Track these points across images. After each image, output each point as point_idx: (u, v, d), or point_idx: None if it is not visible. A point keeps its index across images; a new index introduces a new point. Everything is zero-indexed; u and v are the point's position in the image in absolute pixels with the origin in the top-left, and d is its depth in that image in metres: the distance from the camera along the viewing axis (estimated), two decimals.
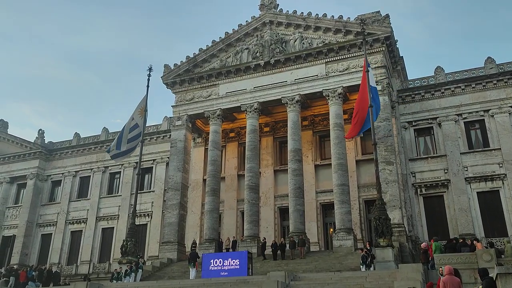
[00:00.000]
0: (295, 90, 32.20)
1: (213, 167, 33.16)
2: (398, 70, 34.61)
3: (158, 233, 37.29)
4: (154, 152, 40.52)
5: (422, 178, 31.63)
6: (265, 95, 33.14)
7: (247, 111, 33.24)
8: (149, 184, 40.51)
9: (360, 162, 32.83)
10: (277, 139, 36.00)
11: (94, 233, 40.25)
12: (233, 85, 34.37)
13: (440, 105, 33.01)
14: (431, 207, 31.08)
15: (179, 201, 33.17)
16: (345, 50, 31.40)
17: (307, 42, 32.92)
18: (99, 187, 41.99)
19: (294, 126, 31.59)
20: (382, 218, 21.31)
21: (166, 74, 36.21)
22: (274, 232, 33.28)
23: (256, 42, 34.46)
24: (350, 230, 27.91)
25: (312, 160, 34.07)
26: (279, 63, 33.11)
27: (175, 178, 33.89)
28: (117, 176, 42.38)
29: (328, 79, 31.56)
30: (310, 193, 32.86)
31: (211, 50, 35.64)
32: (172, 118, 36.13)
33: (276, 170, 35.14)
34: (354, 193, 31.54)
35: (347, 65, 31.33)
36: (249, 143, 32.66)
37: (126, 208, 39.90)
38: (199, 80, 35.45)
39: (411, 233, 29.34)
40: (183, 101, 35.70)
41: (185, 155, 34.64)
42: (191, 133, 36.20)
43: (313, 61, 32.25)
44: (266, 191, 34.43)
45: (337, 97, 30.87)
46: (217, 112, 34.20)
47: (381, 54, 30.64)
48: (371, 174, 29.55)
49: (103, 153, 43.02)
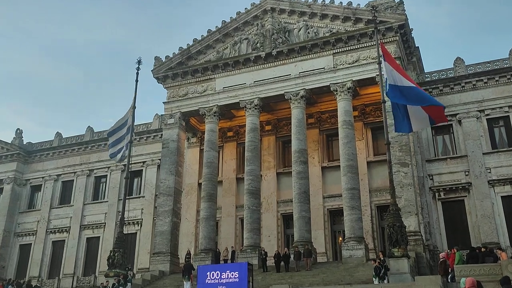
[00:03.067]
0: (300, 85, 32.22)
1: (209, 169, 33.17)
2: (413, 62, 34.61)
3: (148, 243, 37.28)
4: (144, 153, 40.51)
5: (440, 181, 31.61)
6: (266, 90, 33.15)
7: (247, 108, 33.25)
8: (138, 189, 40.49)
9: (372, 164, 32.83)
10: (280, 138, 36.01)
11: (78, 243, 40.22)
12: (231, 79, 34.38)
13: (460, 101, 33.00)
14: (451, 213, 31.05)
15: (172, 208, 33.18)
16: (355, 40, 31.41)
17: (312, 31, 32.94)
18: (83, 192, 41.97)
19: (299, 124, 31.61)
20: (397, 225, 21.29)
21: (157, 67, 36.23)
22: (277, 241, 33.31)
23: (257, 31, 34.48)
24: (361, 238, 27.90)
25: (318, 161, 34.08)
26: (282, 55, 33.12)
27: (167, 182, 33.90)
28: (103, 180, 42.36)
29: (336, 72, 31.57)
30: (317, 198, 32.87)
31: (206, 41, 35.65)
32: (163, 116, 36.14)
33: (279, 173, 35.15)
34: (365, 198, 31.55)
35: (357, 56, 31.35)
36: (249, 143, 32.67)
37: (113, 215, 39.86)
38: (194, 74, 35.47)
39: (429, 242, 29.31)
40: (176, 97, 35.72)
41: (178, 156, 34.66)
42: (184, 132, 36.21)
43: (320, 53, 32.26)
44: (268, 196, 34.43)
45: (346, 92, 30.88)
46: (214, 109, 34.22)
47: (394, 44, 30.65)
48: (384, 177, 29.52)
49: (88, 154, 43.07)
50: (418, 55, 35.31)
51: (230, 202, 35.50)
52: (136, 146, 39.78)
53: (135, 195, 40.07)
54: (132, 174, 38.23)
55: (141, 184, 40.40)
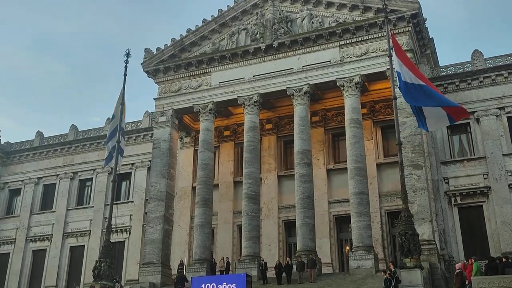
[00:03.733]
0: (303, 79, 32.22)
1: (204, 172, 33.17)
2: (427, 54, 34.62)
3: (138, 252, 37.25)
4: (133, 154, 40.47)
5: (456, 185, 31.62)
6: (266, 85, 33.16)
7: (245, 105, 33.26)
8: (127, 193, 40.46)
9: (382, 166, 32.84)
10: (282, 138, 36.02)
11: (60, 252, 40.19)
12: (228, 73, 34.38)
13: (478, 97, 33.00)
14: (468, 220, 31.04)
15: (163, 214, 33.18)
16: (363, 30, 31.42)
17: (317, 21, 32.95)
18: (66, 197, 41.95)
19: (302, 123, 31.61)
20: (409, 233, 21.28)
21: (147, 60, 36.23)
22: (278, 250, 33.32)
23: (256, 21, 34.49)
24: (370, 248, 27.92)
25: (324, 163, 34.09)
26: (284, 47, 33.12)
27: (159, 186, 33.89)
28: (89, 183, 42.33)
29: (342, 66, 31.57)
30: (322, 203, 32.87)
31: (201, 31, 35.65)
32: (154, 113, 36.13)
33: (280, 176, 35.16)
34: (375, 203, 31.55)
35: (365, 48, 31.36)
36: (247, 143, 32.67)
37: (99, 222, 39.85)
38: (187, 67, 35.47)
39: (444, 252, 29.32)
40: (168, 93, 35.71)
41: (170, 158, 34.65)
42: (177, 131, 36.21)
43: (325, 44, 32.26)
44: (268, 201, 34.43)
45: (354, 88, 30.89)
46: (209, 105, 34.22)
47: (406, 35, 30.66)
48: (395, 180, 29.46)
49: (71, 155, 43.05)
50: (432, 47, 35.33)
51: (227, 207, 35.49)
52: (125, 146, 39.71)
53: (123, 200, 40.04)
54: (120, 177, 38.14)
55: (130, 188, 40.38)
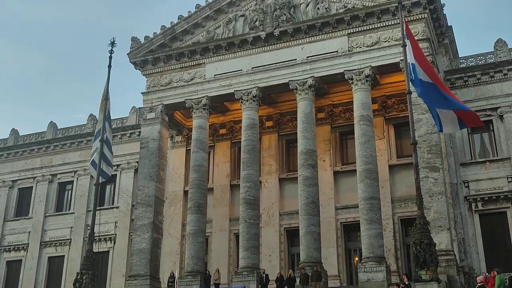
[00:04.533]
0: (308, 72, 32.21)
1: (197, 174, 33.16)
2: (445, 44, 34.63)
3: (123, 264, 37.32)
4: (118, 154, 40.29)
5: (478, 189, 31.65)
6: (267, 78, 33.15)
7: (243, 100, 33.25)
8: (111, 198, 40.49)
9: (395, 168, 32.86)
10: (284, 137, 36.03)
11: (38, 263, 40.22)
12: (224, 65, 34.36)
13: (502, 91, 33.05)
14: (490, 227, 31.09)
15: (152, 221, 33.15)
16: (375, 17, 31.40)
17: (323, 7, 32.93)
18: (44, 202, 41.98)
19: (306, 120, 31.61)
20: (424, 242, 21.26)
21: (134, 49, 36.20)
22: (280, 261, 33.34)
23: (255, 7, 34.47)
24: (382, 259, 27.94)
25: (330, 165, 34.10)
26: (286, 36, 33.11)
27: (147, 190, 33.87)
28: (69, 187, 42.35)
29: (351, 57, 31.56)
30: (328, 209, 32.88)
31: (194, 18, 35.62)
32: (142, 109, 36.09)
33: (282, 179, 35.18)
34: (387, 209, 31.56)
35: (377, 37, 31.35)
36: (245, 142, 32.67)
37: (81, 230, 39.87)
38: (179, 58, 35.45)
39: (463, 263, 29.34)
40: (157, 86, 35.69)
41: (159, 158, 34.64)
42: (167, 129, 36.20)
43: (332, 33, 32.25)
44: (268, 207, 34.44)
45: (364, 81, 30.89)
46: (203, 100, 34.21)
47: (422, 22, 30.64)
48: (410, 184, 29.52)
49: (50, 156, 43.03)
50: (451, 36, 35.34)
51: (222, 214, 35.50)
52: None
53: (108, 206, 40.09)
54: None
55: (115, 192, 40.42)
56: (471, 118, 21.11)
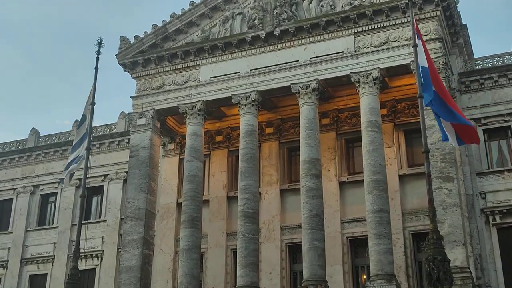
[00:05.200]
0: (311, 74, 32.25)
1: (191, 185, 33.13)
2: (459, 44, 34.70)
3: (111, 282, 37.26)
4: (105, 164, 40.46)
5: (495, 201, 31.62)
6: (267, 81, 33.19)
7: (241, 104, 33.27)
8: (98, 211, 40.45)
9: (406, 178, 32.83)
10: (285, 144, 36.03)
11: (18, 282, 40.14)
12: (221, 67, 34.42)
13: None
14: (509, 242, 31.04)
15: (142, 236, 33.08)
16: (383, 15, 31.47)
17: (327, 4, 33.01)
18: (25, 215, 41.95)
19: (310, 126, 31.61)
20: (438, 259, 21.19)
21: (123, 50, 36.24)
22: (281, 279, 33.28)
23: (254, 4, 34.54)
24: (392, 276, 27.87)
25: (335, 175, 34.08)
26: (288, 35, 33.17)
27: (137, 202, 33.81)
28: (52, 199, 42.32)
29: (358, 58, 31.62)
30: (333, 223, 32.85)
31: (188, 16, 35.70)
32: (131, 114, 36.07)
33: (283, 190, 35.15)
34: (397, 223, 31.51)
35: (385, 37, 31.40)
36: (244, 150, 32.67)
37: (65, 245, 39.85)
38: (171, 60, 35.50)
39: (480, 281, 29.26)
40: (148, 90, 35.73)
41: (151, 168, 34.60)
42: (159, 136, 36.20)
43: (337, 32, 32.31)
44: (269, 221, 34.40)
45: (372, 84, 30.90)
46: (198, 105, 34.22)
47: (434, 21, 30.71)
48: (422, 195, 29.37)
49: (31, 165, 42.95)
50: (465, 35, 35.41)
51: (219, 228, 35.45)
52: (96, 154, 39.67)
53: (94, 219, 40.06)
54: (90, 192, 38.13)
55: (102, 205, 40.40)
56: (469, 133, 20.91)
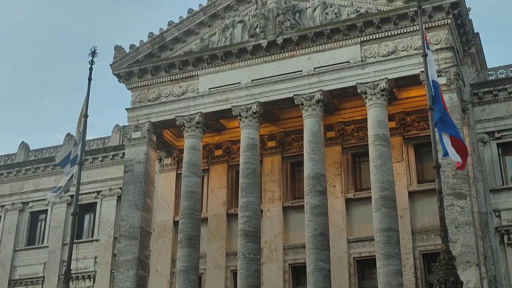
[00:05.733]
0: (315, 85, 32.38)
1: (189, 202, 33.15)
2: (471, 53, 34.79)
3: None
4: (98, 179, 40.54)
5: (511, 219, 31.59)
6: (269, 92, 33.32)
7: (242, 117, 33.38)
8: (91, 230, 40.42)
9: (416, 195, 32.84)
10: (288, 159, 36.10)
11: None
12: (220, 77, 34.58)
13: None
14: None
15: (137, 256, 33.06)
16: (391, 23, 31.63)
17: (332, 11, 33.19)
18: (13, 234, 41.96)
19: (314, 140, 31.69)
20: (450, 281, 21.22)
21: (118, 60, 36.41)
22: None
23: (256, 11, 34.75)
24: None
25: (341, 191, 34.09)
26: (291, 44, 33.35)
27: (131, 220, 33.84)
28: (42, 217, 42.31)
29: (365, 68, 31.76)
30: (339, 242, 32.83)
31: (186, 24, 35.91)
32: (126, 127, 36.16)
33: (286, 207, 35.14)
34: (407, 242, 31.50)
35: (393, 46, 31.55)
36: (244, 165, 32.74)
37: (55, 266, 39.81)
38: (169, 70, 35.66)
39: None
40: (144, 102, 35.87)
41: (146, 184, 34.67)
42: (156, 150, 36.29)
43: (343, 41, 32.48)
44: (271, 240, 34.39)
45: (379, 95, 31.01)
46: (196, 117, 34.33)
47: (445, 29, 30.87)
48: (433, 213, 29.46)
49: (21, 181, 43.00)
50: (478, 44, 35.51)
51: (218, 248, 35.42)
52: (88, 169, 39.74)
53: (87, 238, 40.07)
54: (82, 209, 38.16)
55: (95, 223, 40.38)
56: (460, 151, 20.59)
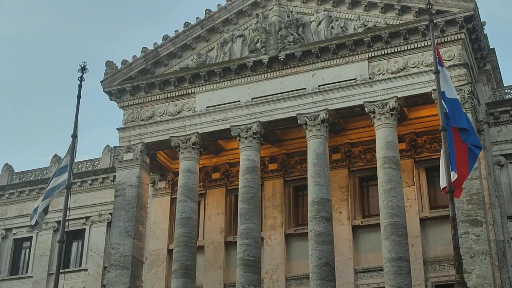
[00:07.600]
0: (320, 103, 32.40)
1: (184, 229, 33.03)
2: (487, 70, 34.85)
3: None
4: (87, 204, 40.48)
5: None
6: (270, 112, 33.34)
7: (242, 137, 33.35)
8: (79, 258, 40.29)
9: (428, 222, 32.73)
10: (291, 183, 36.04)
11: None
12: (219, 95, 34.64)
13: None
14: None
15: (129, 287, 32.85)
16: (401, 38, 31.72)
17: (338, 25, 33.32)
18: None
19: (319, 162, 31.63)
20: None
21: (109, 76, 36.48)
22: None
23: (256, 25, 34.90)
24: None
25: (348, 217, 33.97)
26: (294, 60, 33.43)
27: (122, 248, 33.69)
28: (26, 244, 42.22)
29: (373, 86, 31.79)
30: (346, 272, 32.67)
31: (182, 39, 36.04)
32: (118, 148, 36.14)
33: (288, 235, 35.02)
34: (418, 273, 31.31)
35: (403, 62, 31.60)
36: (244, 189, 32.64)
37: None
38: (163, 87, 35.72)
39: None
40: (137, 121, 35.90)
41: (138, 209, 34.55)
42: (149, 173, 36.24)
43: (349, 57, 32.56)
44: (272, 270, 34.22)
45: (388, 115, 31.00)
46: (192, 138, 34.31)
47: (458, 44, 30.94)
48: (446, 241, 29.43)
49: (4, 206, 42.96)
50: (493, 61, 35.56)
51: (215, 278, 35.25)
52: (77, 193, 39.67)
53: (74, 268, 39.94)
54: (70, 236, 38.15)
55: (83, 251, 40.26)
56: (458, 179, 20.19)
